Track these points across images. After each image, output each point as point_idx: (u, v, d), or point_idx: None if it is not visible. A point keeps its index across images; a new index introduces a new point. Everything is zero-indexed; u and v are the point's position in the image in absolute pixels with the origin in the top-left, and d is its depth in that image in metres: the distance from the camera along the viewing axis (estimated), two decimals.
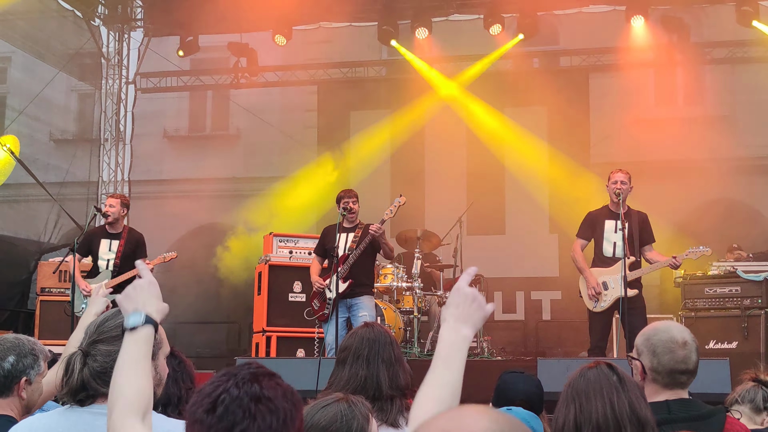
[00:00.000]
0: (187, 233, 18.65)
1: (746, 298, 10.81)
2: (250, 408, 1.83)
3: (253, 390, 1.86)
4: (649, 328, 3.82)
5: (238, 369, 1.93)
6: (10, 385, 3.73)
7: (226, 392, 1.86)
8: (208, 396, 1.87)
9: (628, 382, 3.10)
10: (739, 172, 16.70)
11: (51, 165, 17.39)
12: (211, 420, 1.84)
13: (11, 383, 3.73)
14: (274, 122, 18.48)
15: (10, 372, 3.71)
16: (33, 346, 3.83)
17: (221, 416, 1.83)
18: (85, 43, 16.69)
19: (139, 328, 2.44)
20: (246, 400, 1.84)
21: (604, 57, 16.58)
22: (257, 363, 1.97)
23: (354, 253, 9.41)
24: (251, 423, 1.82)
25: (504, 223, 16.64)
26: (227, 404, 1.84)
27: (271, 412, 1.85)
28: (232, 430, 1.82)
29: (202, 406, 1.86)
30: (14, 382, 3.72)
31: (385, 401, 3.92)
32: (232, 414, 1.83)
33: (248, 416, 1.83)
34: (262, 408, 1.84)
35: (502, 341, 13.99)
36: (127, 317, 2.50)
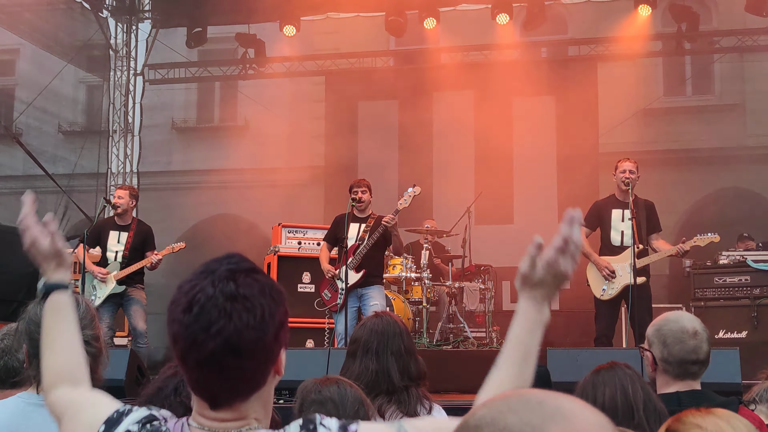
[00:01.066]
0: (195, 224, 18.69)
1: (756, 287, 10.78)
2: (225, 307, 1.82)
3: (229, 288, 1.84)
4: (659, 318, 3.81)
5: (217, 264, 1.91)
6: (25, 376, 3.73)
7: (201, 291, 1.85)
8: (186, 295, 1.86)
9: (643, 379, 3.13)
10: (748, 161, 16.68)
11: (59, 157, 17.44)
12: (188, 319, 1.83)
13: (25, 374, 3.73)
14: (282, 113, 18.48)
15: (24, 363, 3.72)
16: None
17: (197, 316, 1.83)
18: (93, 35, 16.71)
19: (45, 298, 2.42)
20: (221, 299, 1.83)
21: (612, 46, 16.52)
22: (238, 256, 1.95)
23: (365, 243, 9.37)
24: (227, 322, 1.81)
25: (512, 212, 16.61)
26: (202, 303, 1.83)
27: (248, 311, 1.84)
28: (209, 329, 1.81)
29: (180, 305, 1.86)
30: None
31: (401, 393, 3.92)
32: (208, 314, 1.82)
33: (224, 315, 1.82)
34: (238, 306, 1.83)
35: None
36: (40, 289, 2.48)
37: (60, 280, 2.44)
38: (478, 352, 10.38)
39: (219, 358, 1.83)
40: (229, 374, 1.85)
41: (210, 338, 1.82)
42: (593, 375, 3.30)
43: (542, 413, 1.29)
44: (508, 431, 1.27)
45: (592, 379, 3.28)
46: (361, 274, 9.37)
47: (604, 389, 3.18)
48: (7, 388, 3.67)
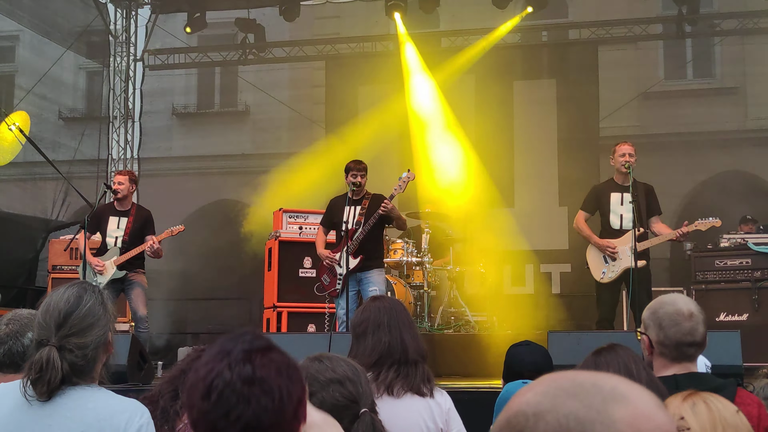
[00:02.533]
0: (196, 210, 18.70)
1: (757, 270, 10.78)
2: (243, 392, 1.82)
3: (246, 372, 1.84)
4: (655, 301, 3.82)
5: (233, 344, 1.90)
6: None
7: (219, 376, 1.84)
8: (203, 380, 1.86)
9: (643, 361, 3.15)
10: (749, 144, 16.68)
11: (60, 143, 17.44)
12: (207, 407, 1.83)
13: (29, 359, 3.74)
14: (283, 98, 18.47)
15: (29, 348, 3.72)
16: None
17: (215, 403, 1.83)
18: (92, 21, 16.67)
19: None
20: (239, 384, 1.83)
21: (613, 30, 16.49)
22: (252, 332, 1.95)
23: (362, 228, 9.36)
24: (246, 407, 1.82)
25: (513, 196, 16.61)
26: (221, 390, 1.83)
27: (266, 394, 1.83)
28: (228, 416, 1.81)
29: (198, 391, 1.86)
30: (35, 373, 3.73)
31: (411, 366, 3.94)
32: (226, 400, 1.82)
33: (242, 401, 1.82)
34: (256, 390, 1.83)
35: (512, 315, 13.99)
36: None
37: None
38: (479, 336, 10.40)
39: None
40: None
41: (230, 425, 1.82)
42: (594, 356, 3.31)
43: (601, 395, 1.27)
44: (573, 416, 1.25)
45: (594, 360, 3.28)
46: (359, 259, 9.35)
47: (608, 369, 3.19)
48: (10, 373, 3.68)
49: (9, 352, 3.67)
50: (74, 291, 3.04)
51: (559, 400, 1.27)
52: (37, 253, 14.94)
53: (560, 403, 1.26)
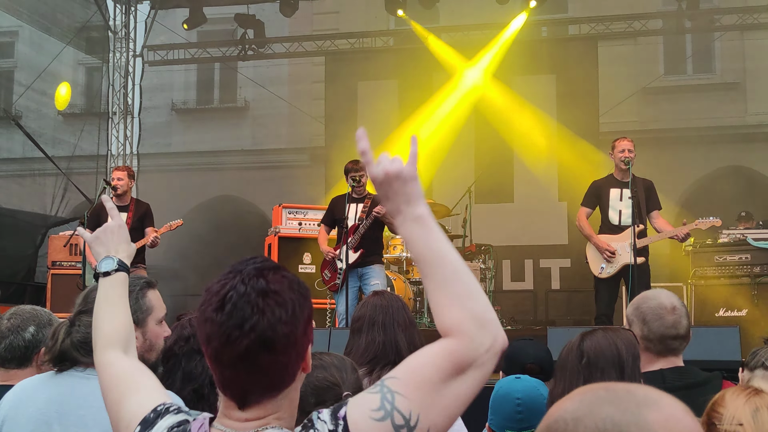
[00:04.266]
0: (195, 206, 18.69)
1: (756, 265, 10.77)
2: (257, 303, 1.85)
3: (260, 285, 1.87)
4: (638, 297, 3.85)
5: (244, 265, 1.94)
6: (30, 356, 3.73)
7: (233, 289, 1.87)
8: (216, 294, 1.89)
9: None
10: (748, 139, 16.67)
11: (59, 139, 17.40)
12: (222, 318, 1.86)
13: (31, 354, 3.74)
14: (282, 94, 18.46)
15: (30, 342, 3.73)
16: (50, 317, 3.85)
17: (230, 313, 1.85)
18: (91, 17, 16.65)
19: (112, 273, 2.51)
20: (253, 295, 1.86)
21: (613, 25, 16.48)
22: (262, 257, 1.98)
23: (364, 223, 9.40)
24: (261, 317, 1.84)
25: (512, 191, 16.62)
26: (235, 301, 1.86)
27: (279, 305, 1.87)
28: (243, 326, 1.84)
29: (212, 305, 1.88)
30: (34, 353, 3.73)
31: None
32: (241, 310, 1.85)
33: (257, 311, 1.85)
34: (270, 302, 1.86)
35: (512, 310, 14.02)
36: (100, 262, 2.55)
37: (126, 262, 2.58)
38: None
39: (253, 354, 1.85)
40: (263, 371, 1.87)
41: (244, 335, 1.84)
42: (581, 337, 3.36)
43: (635, 401, 1.36)
44: (610, 419, 1.33)
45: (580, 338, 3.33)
46: (359, 254, 9.38)
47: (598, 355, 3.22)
48: (12, 368, 3.69)
49: (10, 347, 3.69)
50: None
51: (595, 406, 1.36)
52: (37, 249, 14.94)
53: (597, 409, 1.35)
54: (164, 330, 3.27)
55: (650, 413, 1.34)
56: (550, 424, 1.38)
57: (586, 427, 1.33)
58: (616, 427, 1.32)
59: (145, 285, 3.13)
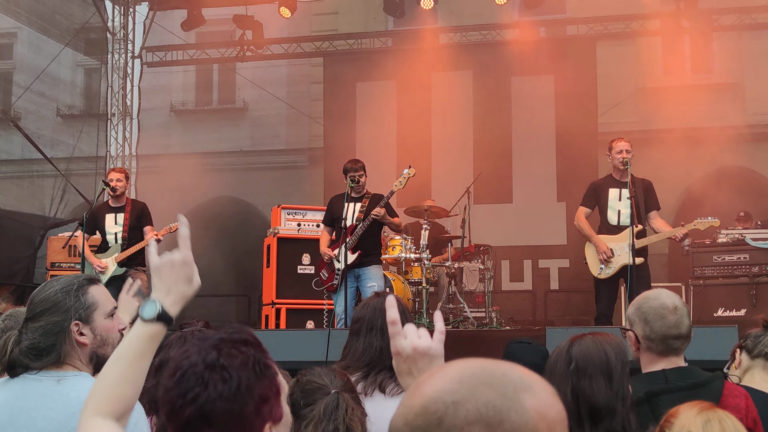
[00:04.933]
0: (194, 207, 18.68)
1: (755, 265, 10.79)
2: (203, 376, 1.86)
3: (211, 357, 1.88)
4: (639, 297, 3.84)
5: (213, 333, 1.94)
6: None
7: (187, 359, 1.89)
8: (175, 361, 1.91)
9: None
10: (747, 139, 16.66)
11: (58, 141, 17.41)
12: (170, 384, 1.88)
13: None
14: (281, 95, 18.47)
15: None
16: None
17: (177, 382, 1.87)
18: (90, 18, 16.66)
19: (149, 323, 2.32)
20: (201, 367, 1.86)
21: (611, 25, 16.49)
22: (240, 327, 1.97)
23: (362, 224, 9.40)
24: (202, 390, 1.84)
25: (511, 191, 16.62)
26: (184, 370, 1.87)
27: (224, 381, 1.86)
28: (186, 396, 1.85)
29: (168, 370, 1.91)
30: None
31: None
32: (187, 380, 1.86)
33: (200, 383, 1.85)
34: (215, 376, 1.86)
35: (511, 311, 14.02)
36: (145, 303, 2.34)
37: (176, 314, 2.36)
38: (478, 332, 10.43)
39: (194, 426, 1.85)
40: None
41: (186, 405, 1.85)
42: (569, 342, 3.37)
43: (512, 384, 1.35)
44: (491, 405, 1.31)
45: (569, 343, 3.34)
46: (357, 255, 9.39)
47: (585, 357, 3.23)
48: None
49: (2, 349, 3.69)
50: (52, 281, 3.09)
51: (476, 389, 1.33)
52: (35, 250, 14.94)
53: (478, 392, 1.33)
54: (118, 323, 3.24)
55: (527, 398, 1.33)
56: (427, 404, 1.34)
57: (467, 412, 1.31)
58: (497, 414, 1.30)
59: (86, 282, 3.11)
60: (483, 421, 1.30)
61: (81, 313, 3.01)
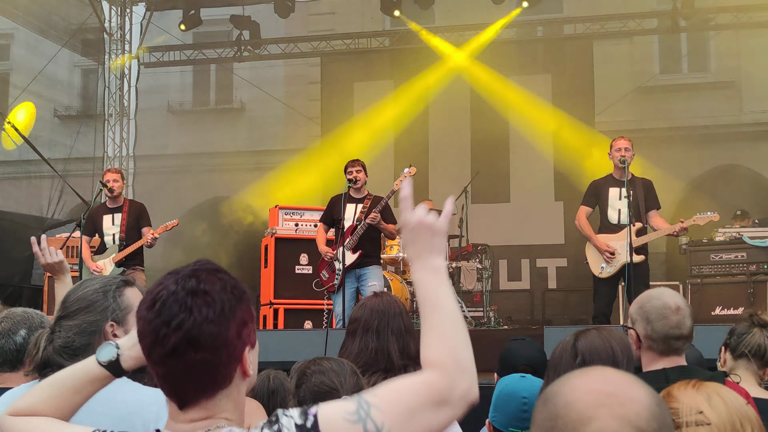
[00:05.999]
0: (192, 207, 18.69)
1: (752, 263, 10.81)
2: (186, 302, 1.87)
3: (190, 284, 1.90)
4: (642, 296, 3.83)
5: (183, 267, 1.97)
6: (22, 359, 3.72)
7: (165, 288, 1.90)
8: (150, 293, 1.92)
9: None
10: (744, 138, 16.68)
11: (55, 141, 17.41)
12: (151, 315, 1.89)
13: (23, 357, 3.73)
14: (278, 95, 18.46)
15: (22, 345, 3.71)
16: (42, 320, 3.83)
17: (159, 311, 1.88)
18: (87, 19, 16.65)
19: (103, 364, 2.34)
20: (182, 294, 1.88)
21: (608, 24, 16.50)
22: (205, 260, 2.00)
23: (362, 224, 9.40)
24: (187, 315, 1.86)
25: (509, 190, 16.62)
26: (164, 299, 1.88)
27: (208, 305, 1.88)
28: (170, 323, 1.86)
29: (145, 303, 1.92)
30: (26, 356, 3.73)
31: (398, 371, 3.93)
32: (169, 309, 1.87)
33: (184, 309, 1.87)
34: (199, 301, 1.88)
35: (508, 310, 14.02)
36: (104, 346, 2.37)
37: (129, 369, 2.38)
38: (476, 332, 10.41)
39: (181, 352, 1.87)
40: (193, 369, 1.89)
41: (171, 332, 1.86)
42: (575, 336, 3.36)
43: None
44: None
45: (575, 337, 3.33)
46: (357, 254, 9.39)
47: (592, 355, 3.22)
48: (5, 371, 3.68)
49: (2, 350, 3.68)
50: (84, 280, 3.09)
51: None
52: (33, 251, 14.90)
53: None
54: None
55: None
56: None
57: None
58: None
59: (122, 284, 3.10)
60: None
61: (117, 314, 3.00)
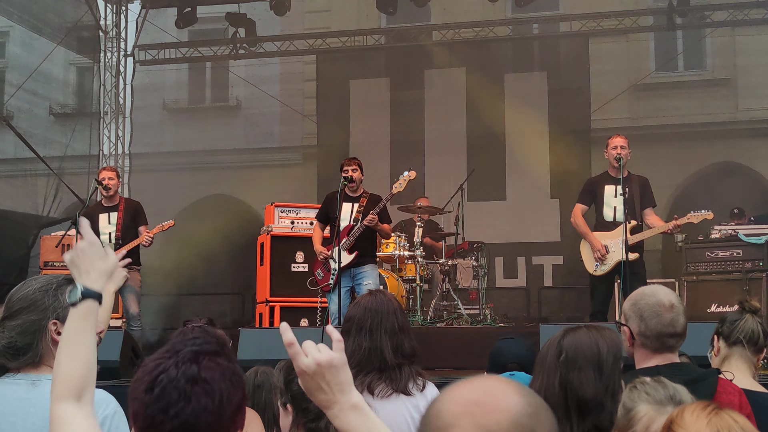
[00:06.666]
0: (188, 205, 18.68)
1: (748, 261, 10.81)
2: (185, 390, 1.87)
3: (191, 371, 1.89)
4: (635, 293, 3.82)
5: (182, 345, 1.94)
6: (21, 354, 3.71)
7: (164, 372, 1.89)
8: (149, 374, 1.90)
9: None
10: (739, 135, 16.70)
11: (50, 139, 17.38)
12: (148, 399, 1.88)
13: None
14: (274, 93, 18.45)
15: None
16: None
17: (158, 396, 1.87)
18: (82, 16, 16.61)
19: (78, 304, 2.29)
20: (183, 381, 1.87)
21: (604, 22, 16.50)
22: (205, 336, 1.99)
23: (359, 225, 9.38)
24: (186, 405, 1.86)
25: (505, 188, 16.62)
26: (164, 385, 1.87)
27: (207, 394, 1.88)
28: (168, 411, 1.85)
29: (142, 384, 1.90)
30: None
31: (393, 370, 3.93)
32: (168, 395, 1.86)
33: (183, 398, 1.86)
34: (198, 390, 1.88)
35: (505, 308, 14.02)
36: (69, 291, 2.33)
37: (101, 289, 2.32)
38: (471, 329, 10.43)
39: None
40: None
41: (168, 420, 1.86)
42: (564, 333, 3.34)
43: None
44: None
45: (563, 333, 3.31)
46: (354, 255, 9.38)
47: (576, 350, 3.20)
48: None
49: None
50: (27, 280, 3.06)
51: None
52: (29, 249, 14.90)
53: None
54: None
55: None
56: (517, 419, 1.45)
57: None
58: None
59: (64, 281, 3.06)
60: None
61: (59, 312, 2.97)
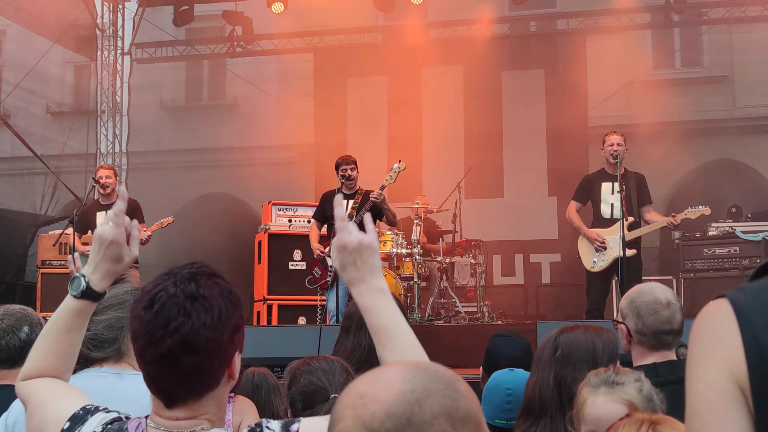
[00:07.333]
0: (185, 204, 18.68)
1: (745, 258, 10.84)
2: (185, 306, 1.90)
3: (190, 288, 1.92)
4: (632, 290, 3.84)
5: (180, 268, 1.99)
6: (25, 355, 3.72)
7: (164, 290, 1.92)
8: (148, 293, 1.94)
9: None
10: (736, 132, 16.72)
11: (48, 138, 17.38)
12: (148, 316, 1.90)
13: (25, 353, 3.72)
14: (271, 91, 18.44)
15: (25, 342, 3.71)
16: (39, 318, 3.84)
17: (157, 313, 1.90)
18: (79, 15, 16.60)
19: (75, 298, 2.29)
20: (182, 298, 1.91)
21: (601, 19, 16.50)
22: (200, 262, 2.03)
23: (354, 219, 9.38)
24: (186, 320, 1.89)
25: (502, 185, 16.61)
26: (164, 301, 1.90)
27: (206, 310, 1.91)
28: (167, 326, 1.88)
29: (141, 303, 1.93)
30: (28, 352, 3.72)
31: None
32: (168, 311, 1.89)
33: (183, 313, 1.89)
34: (198, 306, 1.91)
35: (502, 305, 14.02)
36: (73, 278, 2.30)
37: (102, 291, 2.32)
38: (469, 327, 10.43)
39: (175, 355, 1.89)
40: (184, 372, 1.91)
41: (168, 335, 1.89)
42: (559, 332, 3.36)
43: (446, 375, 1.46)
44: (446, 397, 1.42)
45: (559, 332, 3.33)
46: None
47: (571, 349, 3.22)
48: (5, 368, 3.68)
49: (6, 347, 3.68)
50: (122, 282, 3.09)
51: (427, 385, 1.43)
52: (26, 248, 14.91)
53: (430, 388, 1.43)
54: None
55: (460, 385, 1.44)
56: (392, 408, 1.39)
57: (431, 407, 1.39)
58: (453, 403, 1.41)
59: None
60: (446, 413, 1.39)
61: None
